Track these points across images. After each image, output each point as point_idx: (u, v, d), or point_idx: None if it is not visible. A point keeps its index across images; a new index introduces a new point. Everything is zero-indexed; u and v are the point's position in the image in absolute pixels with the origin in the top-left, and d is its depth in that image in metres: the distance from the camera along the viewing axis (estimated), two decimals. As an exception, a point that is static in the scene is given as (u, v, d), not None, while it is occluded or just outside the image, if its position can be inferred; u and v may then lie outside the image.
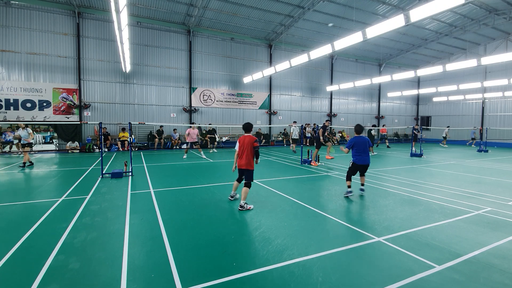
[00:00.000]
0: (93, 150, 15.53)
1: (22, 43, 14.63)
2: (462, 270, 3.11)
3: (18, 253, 3.43)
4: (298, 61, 13.77)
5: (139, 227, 4.32)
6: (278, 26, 19.04)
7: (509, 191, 6.96)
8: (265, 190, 6.83)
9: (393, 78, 18.13)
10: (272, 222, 4.59)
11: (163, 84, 18.09)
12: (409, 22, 7.83)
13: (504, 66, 21.88)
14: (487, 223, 4.61)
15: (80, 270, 3.05)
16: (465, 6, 16.74)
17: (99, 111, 16.51)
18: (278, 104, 22.04)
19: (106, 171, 8.79)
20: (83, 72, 15.98)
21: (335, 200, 5.95)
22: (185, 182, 7.74)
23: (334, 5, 16.37)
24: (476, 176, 8.91)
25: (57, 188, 6.91)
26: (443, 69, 15.25)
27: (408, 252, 3.53)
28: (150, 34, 17.47)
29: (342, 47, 10.62)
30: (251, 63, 20.61)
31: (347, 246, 3.70)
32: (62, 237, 3.89)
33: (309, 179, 8.28)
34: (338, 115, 24.80)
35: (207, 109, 19.47)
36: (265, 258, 3.35)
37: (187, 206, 5.46)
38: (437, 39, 21.72)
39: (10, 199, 5.86)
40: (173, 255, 3.39)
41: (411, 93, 26.50)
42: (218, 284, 2.80)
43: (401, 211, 5.22)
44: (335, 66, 24.28)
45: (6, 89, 14.38)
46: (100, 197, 6.01)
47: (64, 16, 15.32)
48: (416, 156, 14.04)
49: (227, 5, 16.17)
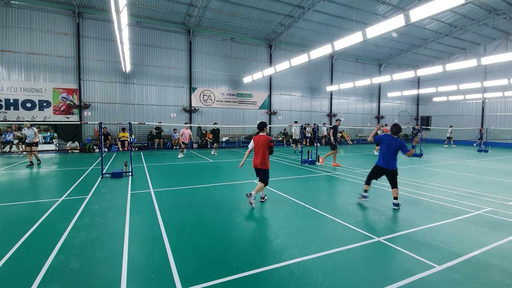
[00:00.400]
0: (93, 150, 15.53)
1: (22, 43, 14.63)
2: (462, 270, 3.11)
3: (18, 253, 3.43)
4: (298, 61, 13.77)
5: (139, 227, 4.32)
6: (278, 26, 19.03)
7: (509, 191, 6.96)
8: (265, 190, 6.82)
9: (393, 78, 18.13)
10: (272, 222, 4.59)
11: (163, 84, 18.08)
12: (409, 22, 7.82)
13: (504, 66, 21.87)
14: (487, 223, 4.61)
15: (80, 270, 3.05)
16: (465, 6, 16.74)
17: (99, 111, 16.51)
18: (278, 104, 22.04)
19: (106, 171, 8.79)
20: (83, 72, 15.98)
21: (335, 200, 5.95)
22: (185, 182, 7.74)
23: (334, 5, 16.37)
24: (476, 176, 8.91)
25: (57, 188, 6.91)
26: (443, 69, 15.25)
27: (408, 252, 3.53)
28: (150, 34, 17.47)
29: (342, 47, 10.62)
30: (251, 63, 20.61)
31: (347, 246, 3.70)
32: (62, 237, 3.89)
33: (309, 179, 8.28)
34: (338, 115, 24.79)
35: (207, 109, 19.47)
36: (265, 258, 3.35)
37: (187, 206, 5.46)
38: (437, 39, 21.72)
39: (10, 199, 5.85)
40: (173, 255, 3.38)
41: (411, 93, 26.50)
42: (218, 284, 2.80)
43: (401, 211, 5.22)
44: (335, 66, 24.28)
45: (6, 89, 14.38)
46: (100, 197, 6.01)
47: (64, 16, 15.32)
48: (416, 156, 14.04)
49: (227, 5, 16.17)
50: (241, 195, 6.31)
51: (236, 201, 5.86)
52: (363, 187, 5.75)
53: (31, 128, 10.38)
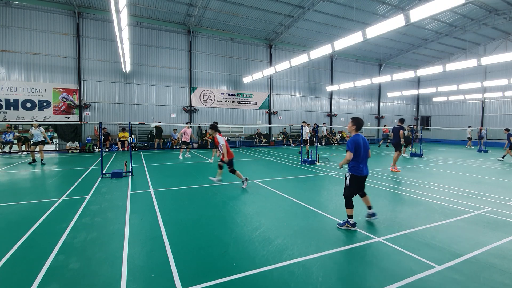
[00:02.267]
0: (93, 150, 15.54)
1: (22, 43, 14.63)
2: (462, 270, 3.11)
3: (18, 253, 3.43)
4: (298, 61, 13.77)
5: (139, 227, 4.32)
6: (278, 26, 19.04)
7: (509, 191, 6.96)
8: (265, 190, 6.83)
9: (393, 78, 18.13)
10: (272, 222, 4.59)
11: (163, 84, 18.09)
12: (409, 22, 7.83)
13: (504, 66, 21.88)
14: (487, 223, 4.61)
15: (80, 270, 3.05)
16: (465, 6, 16.74)
17: (99, 111, 16.51)
18: (278, 104, 22.04)
19: (106, 171, 8.79)
20: (83, 72, 15.98)
21: (335, 200, 5.94)
22: (185, 182, 7.74)
23: (334, 5, 16.37)
24: (476, 176, 8.91)
25: (57, 188, 6.91)
26: (443, 69, 15.25)
27: (408, 252, 3.53)
28: (150, 34, 17.47)
29: (342, 47, 10.62)
30: (251, 63, 20.61)
31: (347, 246, 3.70)
32: (62, 237, 3.89)
33: (309, 179, 8.28)
34: (338, 115, 24.80)
35: (207, 109, 19.47)
36: (265, 258, 3.35)
37: (187, 206, 5.46)
38: (437, 39, 21.72)
39: (10, 199, 5.85)
40: (173, 255, 3.38)
41: (411, 93, 26.50)
42: (218, 284, 2.80)
43: (401, 211, 5.22)
44: (335, 66, 24.28)
45: (6, 89, 14.39)
46: (100, 197, 6.01)
47: (64, 16, 15.32)
48: (416, 156, 14.04)
49: (227, 5, 16.17)
50: (241, 195, 6.32)
51: (236, 201, 5.86)
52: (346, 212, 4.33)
53: (38, 128, 10.86)
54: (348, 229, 4.26)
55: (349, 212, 4.29)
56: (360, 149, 4.24)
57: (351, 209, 4.28)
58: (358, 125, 4.34)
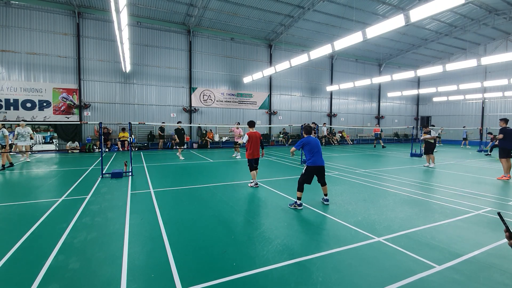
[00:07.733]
0: (93, 150, 15.53)
1: (22, 43, 14.62)
2: (462, 270, 3.11)
3: (18, 253, 3.43)
4: (298, 61, 13.77)
5: (139, 227, 4.32)
6: (278, 26, 19.03)
7: (509, 191, 6.96)
8: (265, 190, 6.83)
9: (393, 78, 18.12)
10: (272, 222, 4.59)
11: (163, 84, 18.08)
12: (409, 22, 7.83)
13: (504, 66, 21.87)
14: (487, 223, 4.61)
15: (80, 270, 3.05)
16: (465, 6, 16.74)
17: (99, 111, 16.51)
18: (278, 104, 22.04)
19: (106, 171, 8.79)
20: (83, 72, 15.98)
21: (335, 200, 5.94)
22: (185, 182, 7.74)
23: (334, 5, 16.37)
24: (476, 176, 8.91)
25: (57, 188, 6.91)
26: (443, 69, 15.24)
27: (408, 252, 3.53)
28: (150, 34, 17.47)
29: (342, 47, 10.61)
30: (251, 63, 20.61)
31: (347, 246, 3.70)
32: (62, 237, 3.89)
33: (309, 179, 8.27)
34: (338, 115, 24.79)
35: (207, 109, 19.47)
36: (265, 258, 3.35)
37: (187, 206, 5.46)
38: (437, 39, 21.72)
39: (10, 199, 5.85)
40: (173, 255, 3.38)
41: (411, 93, 26.48)
42: (218, 284, 2.80)
43: (401, 211, 5.22)
44: (335, 66, 24.27)
45: (6, 89, 14.38)
46: (100, 197, 6.01)
47: (64, 16, 15.32)
48: (416, 156, 14.04)
49: (227, 5, 16.17)
50: (241, 195, 6.32)
51: (236, 201, 5.86)
52: (296, 194, 5.36)
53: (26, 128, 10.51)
54: (295, 208, 5.27)
55: (298, 195, 5.34)
56: (311, 146, 5.45)
57: (301, 192, 5.35)
58: (306, 130, 5.76)
